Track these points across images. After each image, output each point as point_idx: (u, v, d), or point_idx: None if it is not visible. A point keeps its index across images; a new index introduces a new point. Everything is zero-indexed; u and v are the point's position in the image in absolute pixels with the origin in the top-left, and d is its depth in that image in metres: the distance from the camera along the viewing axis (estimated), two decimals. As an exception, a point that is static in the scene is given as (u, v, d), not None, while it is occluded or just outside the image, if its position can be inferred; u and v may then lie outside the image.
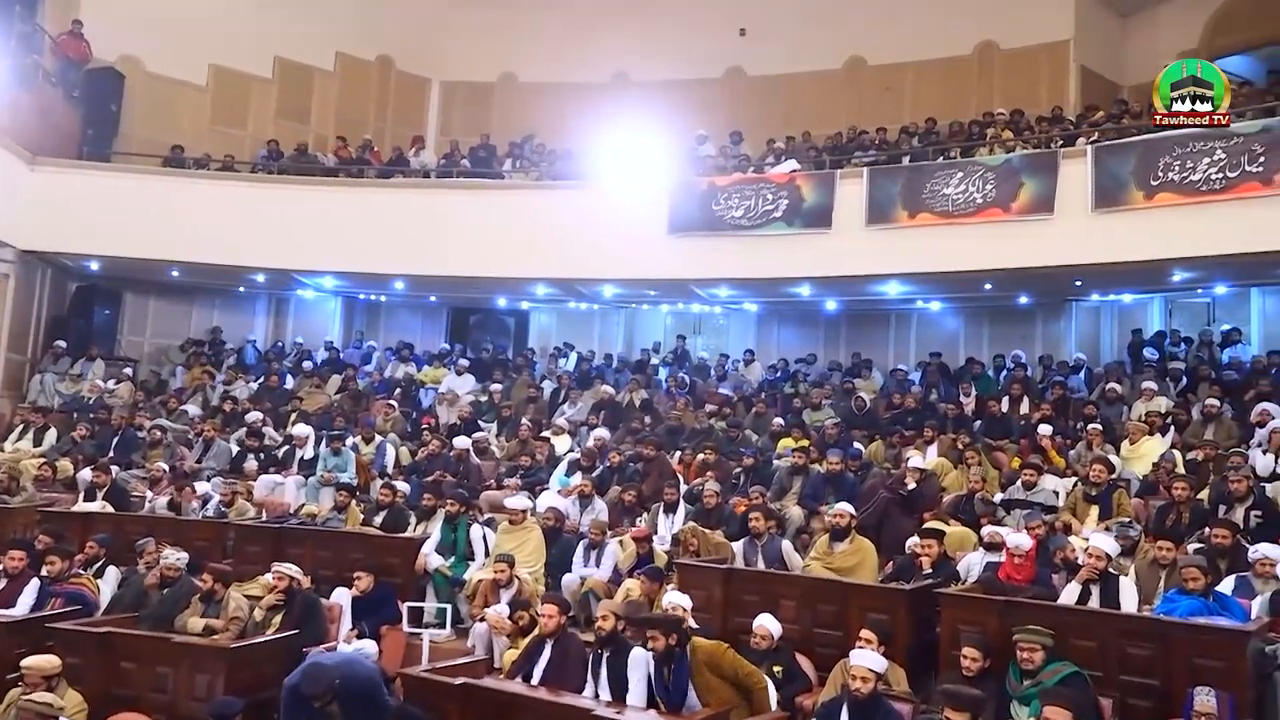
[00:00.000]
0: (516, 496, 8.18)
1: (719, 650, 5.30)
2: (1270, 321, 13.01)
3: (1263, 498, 7.30)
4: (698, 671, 5.24)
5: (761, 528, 7.40)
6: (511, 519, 7.94)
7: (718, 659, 5.23)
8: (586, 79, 17.10)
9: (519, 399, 13.19)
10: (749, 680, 5.21)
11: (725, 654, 5.28)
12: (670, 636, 5.27)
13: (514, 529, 7.94)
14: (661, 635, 5.26)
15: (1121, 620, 5.39)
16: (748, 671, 5.22)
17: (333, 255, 13.87)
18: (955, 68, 15.86)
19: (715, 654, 5.26)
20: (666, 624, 5.36)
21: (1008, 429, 10.60)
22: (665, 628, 5.30)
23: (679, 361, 14.93)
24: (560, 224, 13.18)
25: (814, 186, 12.26)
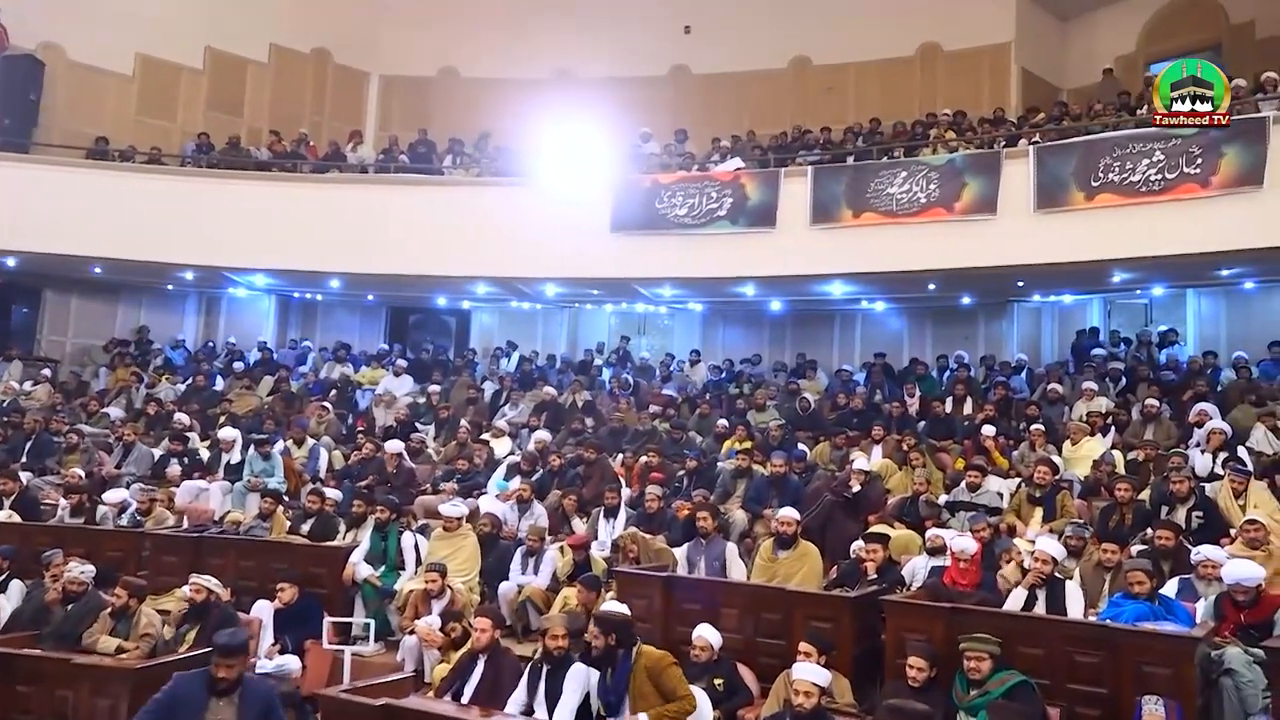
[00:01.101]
0: (452, 503, 7.87)
1: (664, 662, 5.08)
2: (1205, 323, 13.19)
3: (1203, 498, 7.28)
4: (637, 677, 5.01)
5: (709, 528, 7.20)
6: (446, 525, 7.64)
7: (660, 670, 5.01)
8: (529, 75, 16.83)
9: (459, 400, 12.87)
10: (678, 703, 4.97)
11: (669, 668, 5.06)
12: (609, 636, 5.03)
13: (448, 536, 7.64)
14: (602, 634, 5.02)
15: (1069, 627, 5.28)
16: (683, 694, 4.99)
17: (265, 252, 13.43)
18: (899, 68, 15.92)
19: (660, 665, 5.03)
20: (612, 623, 5.13)
21: (951, 429, 10.57)
22: (608, 626, 5.07)
23: (623, 362, 14.74)
24: (501, 222, 12.91)
25: (758, 185, 12.13)
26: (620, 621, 5.19)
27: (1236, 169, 9.66)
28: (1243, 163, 9.61)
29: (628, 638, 5.12)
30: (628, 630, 5.19)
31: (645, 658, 5.07)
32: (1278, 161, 9.44)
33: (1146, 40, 15.20)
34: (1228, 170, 9.71)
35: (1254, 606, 5.29)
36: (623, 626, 5.16)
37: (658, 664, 5.06)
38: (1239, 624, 5.26)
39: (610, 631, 5.03)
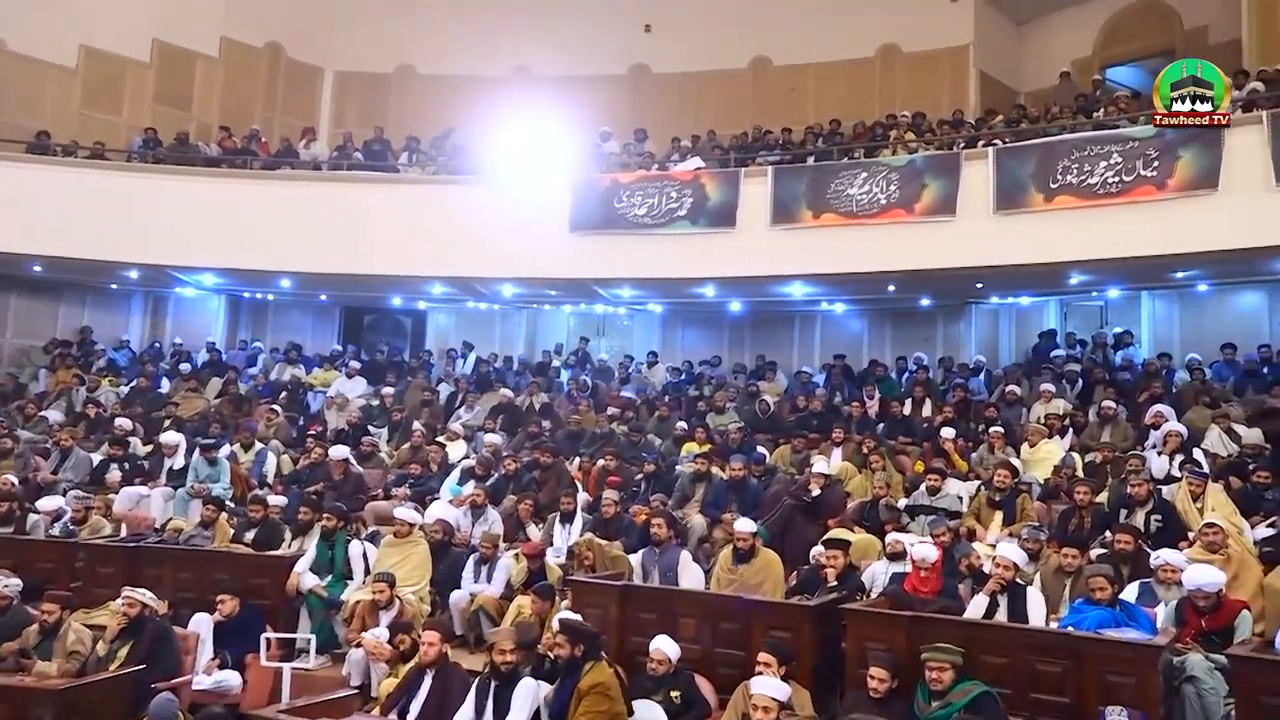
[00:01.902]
0: (404, 508, 7.59)
1: (609, 684, 4.90)
2: (1159, 324, 13.28)
3: (1161, 501, 7.26)
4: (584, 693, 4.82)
5: (664, 535, 7.04)
6: (397, 532, 7.39)
7: (603, 691, 4.82)
8: (487, 72, 16.60)
9: (413, 403, 12.61)
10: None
11: (611, 691, 4.87)
12: (576, 646, 4.84)
13: (397, 543, 7.40)
14: (569, 644, 4.83)
15: (1031, 635, 5.19)
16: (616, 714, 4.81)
17: (214, 251, 13.06)
18: (858, 70, 15.91)
19: (604, 686, 4.86)
20: (583, 634, 4.94)
21: (911, 431, 10.52)
22: (578, 636, 4.88)
23: (581, 364, 14.56)
24: (458, 221, 12.68)
25: (718, 185, 12.01)
26: (591, 634, 5.00)
27: (1192, 172, 9.68)
28: (1199, 165, 9.64)
29: (594, 651, 4.92)
30: (596, 644, 4.99)
31: (589, 676, 4.89)
32: (1233, 164, 9.47)
33: (1102, 44, 15.33)
34: (1184, 173, 9.74)
35: (1215, 612, 5.23)
36: (592, 639, 4.96)
37: (602, 686, 4.87)
38: (1200, 630, 5.20)
39: (579, 641, 4.85)
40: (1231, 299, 12.69)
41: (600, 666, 4.96)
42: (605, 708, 4.85)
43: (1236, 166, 9.49)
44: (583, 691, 4.80)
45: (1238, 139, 9.56)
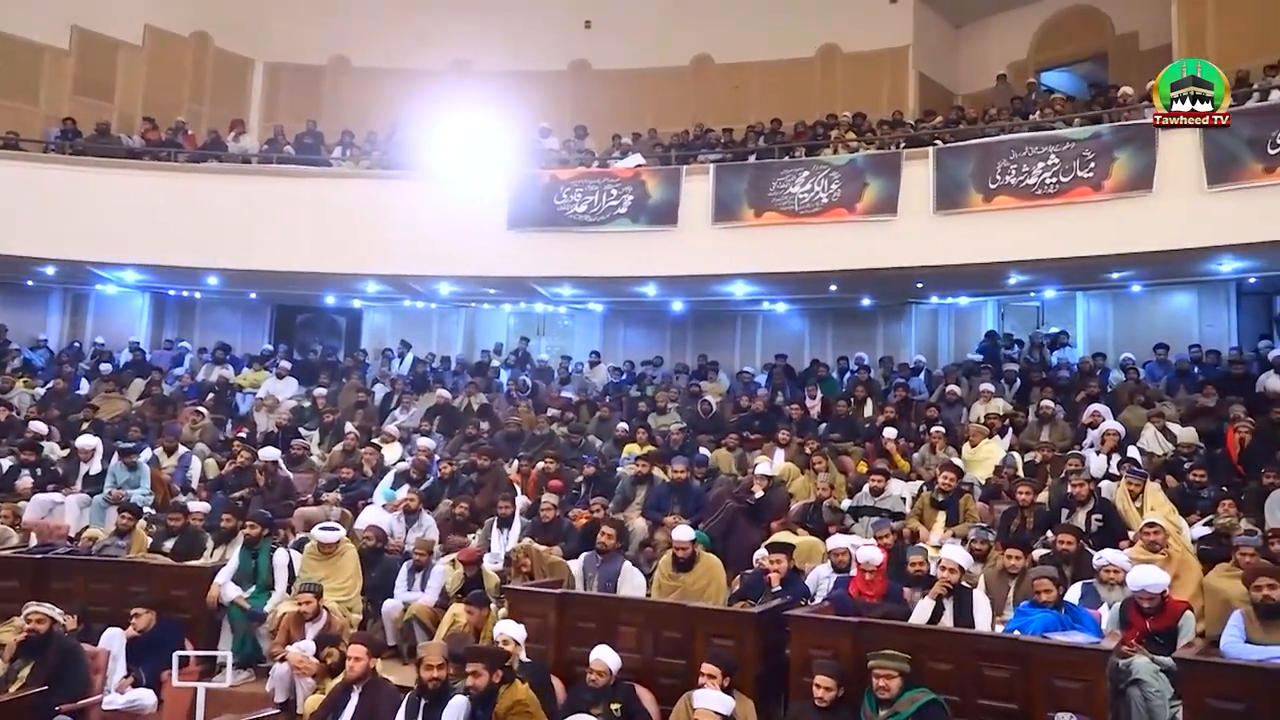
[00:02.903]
0: (323, 528, 7.12)
1: (527, 702, 4.68)
2: (1094, 325, 13.48)
3: (1101, 500, 7.27)
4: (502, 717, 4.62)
5: (611, 545, 6.83)
6: (323, 549, 7.00)
7: (523, 710, 4.61)
8: (425, 66, 16.23)
9: (346, 404, 12.24)
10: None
11: (530, 708, 4.66)
12: (494, 673, 4.63)
13: (325, 551, 7.08)
14: (485, 671, 4.61)
15: (979, 640, 5.11)
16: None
17: (136, 247, 12.52)
18: (799, 69, 15.88)
19: (522, 704, 4.64)
20: (493, 657, 4.71)
21: (853, 431, 10.48)
22: (490, 661, 4.66)
23: (521, 364, 14.31)
24: (393, 217, 12.34)
25: (660, 183, 11.87)
26: (500, 656, 4.80)
27: (1128, 173, 9.80)
28: (1134, 167, 9.76)
29: (508, 674, 4.72)
30: (506, 665, 4.80)
31: (505, 699, 4.67)
32: (1167, 166, 9.60)
33: (1037, 48, 15.53)
34: (1120, 174, 9.85)
35: (1159, 613, 5.21)
36: (503, 660, 4.76)
37: (508, 709, 4.64)
38: (1145, 631, 5.17)
39: (495, 667, 4.62)
40: (1163, 300, 12.92)
41: (515, 686, 4.75)
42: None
43: (1170, 168, 9.62)
44: (500, 715, 4.57)
45: (1171, 141, 9.67)
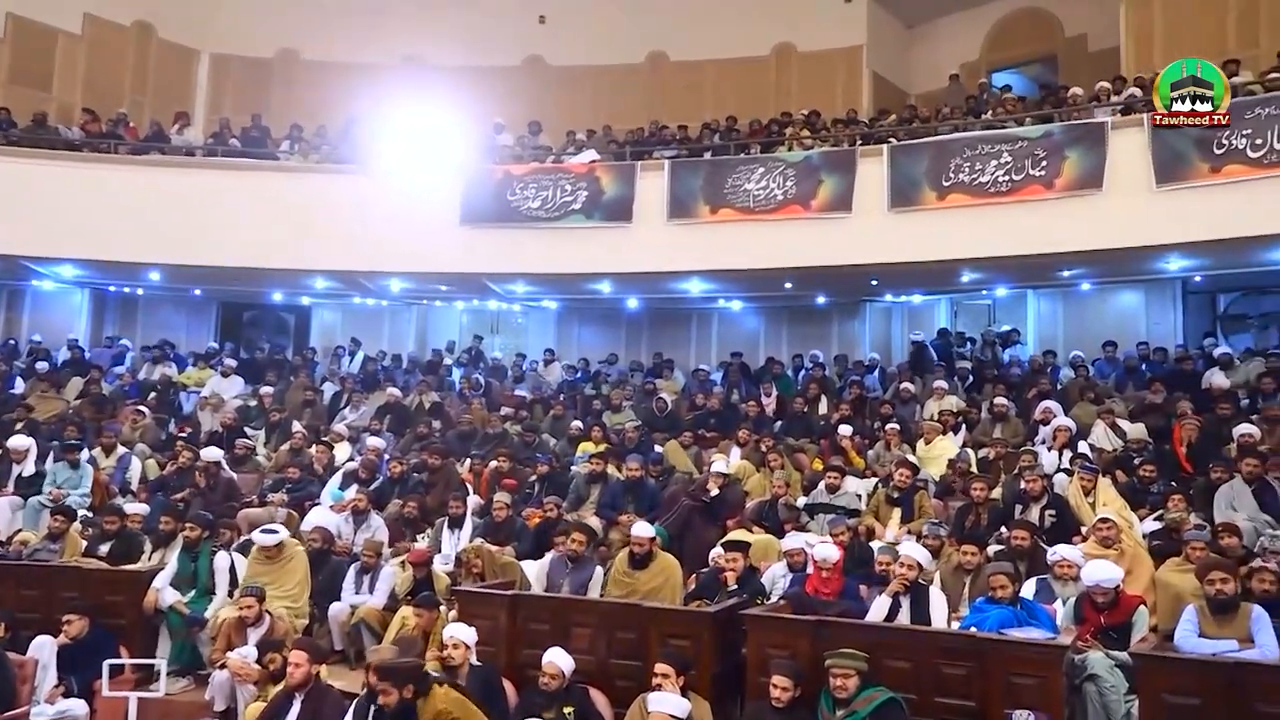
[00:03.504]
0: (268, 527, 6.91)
1: (450, 708, 4.48)
2: (1044, 323, 13.63)
3: (1054, 496, 7.30)
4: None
5: (580, 551, 6.64)
6: (266, 554, 6.75)
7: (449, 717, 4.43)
8: (375, 60, 15.97)
9: (294, 403, 11.98)
10: None
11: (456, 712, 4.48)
12: (405, 689, 4.42)
13: (269, 554, 6.86)
14: (394, 689, 4.40)
15: (936, 637, 5.07)
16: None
17: (74, 241, 12.11)
18: (754, 68, 15.89)
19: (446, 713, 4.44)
20: (400, 674, 4.51)
21: (808, 429, 10.47)
22: (398, 679, 4.46)
23: (475, 362, 14.13)
24: (343, 212, 12.10)
25: (614, 178, 11.76)
26: (409, 672, 4.57)
27: (1079, 172, 9.89)
28: (1084, 166, 9.85)
29: (422, 687, 4.52)
30: (419, 679, 4.57)
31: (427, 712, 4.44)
32: (1117, 165, 9.71)
33: (988, 49, 15.70)
34: (1071, 173, 9.93)
35: (1113, 608, 5.21)
36: (413, 676, 4.54)
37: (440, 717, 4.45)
38: (1099, 626, 5.17)
39: (404, 684, 4.41)
40: (1112, 298, 13.09)
41: (434, 695, 4.53)
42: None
43: (1120, 167, 9.73)
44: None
45: (1121, 141, 9.82)
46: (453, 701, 4.50)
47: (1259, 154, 9.08)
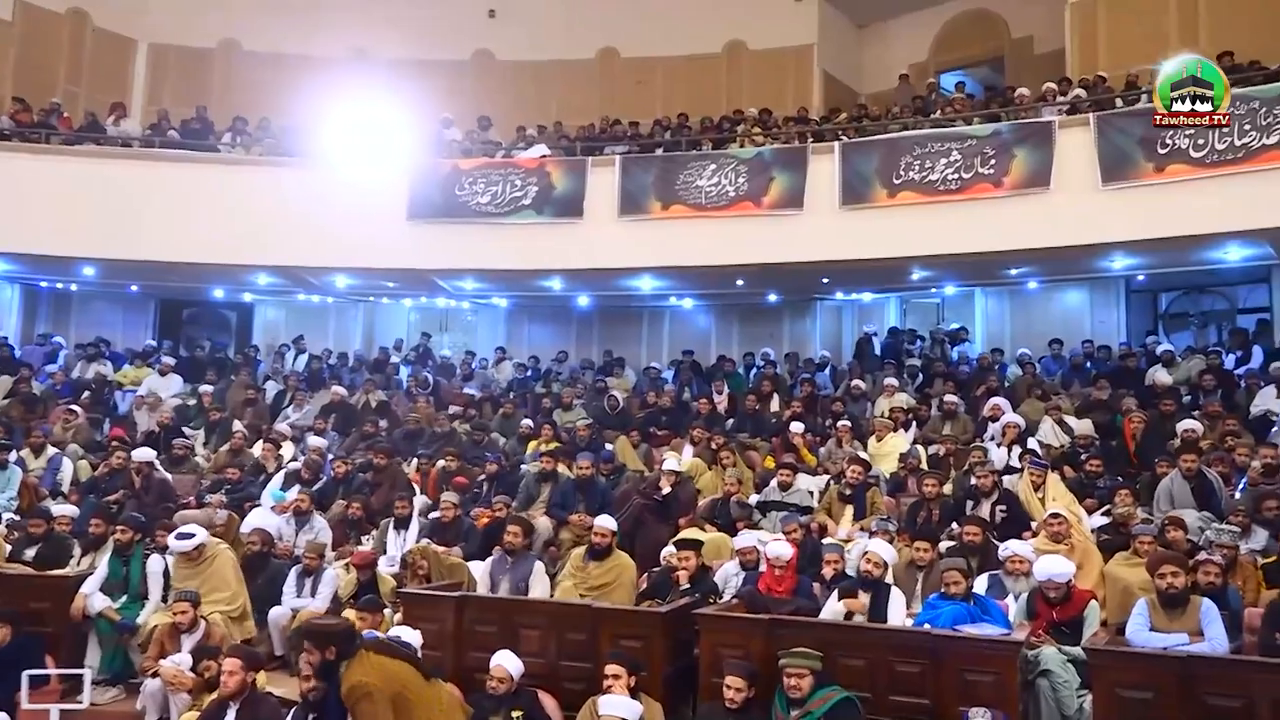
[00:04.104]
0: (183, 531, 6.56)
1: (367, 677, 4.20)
2: (992, 321, 13.76)
3: (1004, 492, 7.32)
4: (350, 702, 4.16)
5: (519, 544, 6.52)
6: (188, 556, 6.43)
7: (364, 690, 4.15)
8: (321, 53, 15.64)
9: (235, 402, 11.65)
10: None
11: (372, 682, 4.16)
12: (326, 650, 4.18)
13: (190, 558, 6.55)
14: (316, 649, 4.18)
15: (890, 635, 5.01)
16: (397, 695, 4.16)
17: (3, 234, 11.67)
18: (705, 65, 15.86)
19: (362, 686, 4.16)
20: (321, 635, 4.29)
21: (760, 426, 10.43)
22: (318, 640, 4.23)
23: (423, 360, 13.89)
24: (286, 206, 11.84)
25: (565, 173, 11.62)
26: (331, 631, 4.35)
27: (1027, 170, 9.97)
28: (1032, 164, 9.94)
29: (345, 649, 4.28)
30: (349, 641, 4.34)
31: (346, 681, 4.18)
32: (1064, 164, 9.81)
33: (937, 49, 15.86)
34: (1019, 172, 10.02)
35: (1065, 603, 5.21)
36: (335, 635, 4.33)
37: (348, 696, 4.16)
38: (1052, 621, 5.16)
39: (325, 645, 4.19)
40: (1057, 297, 13.26)
41: (355, 664, 4.26)
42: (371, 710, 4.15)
43: (1067, 167, 9.84)
44: (346, 700, 4.13)
45: (1068, 140, 9.93)
46: (377, 669, 4.25)
47: (1201, 154, 9.25)
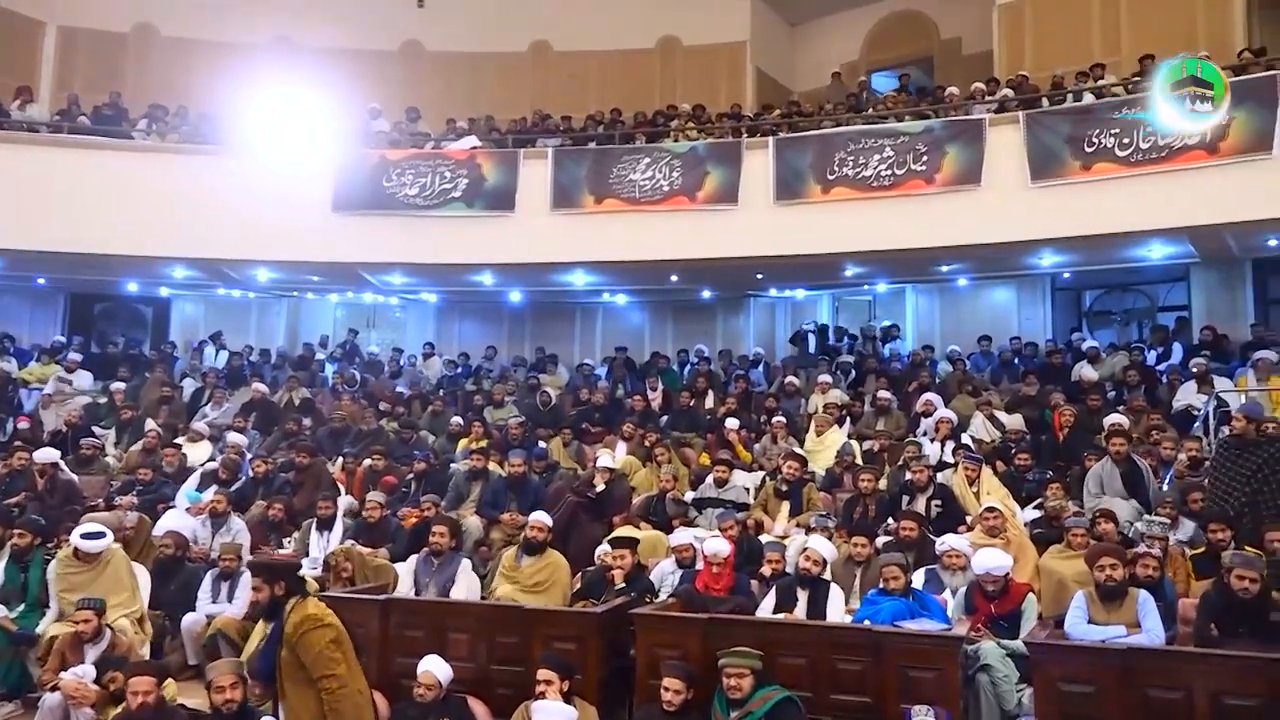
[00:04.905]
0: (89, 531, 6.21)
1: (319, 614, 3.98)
2: (922, 318, 13.88)
3: (939, 487, 7.32)
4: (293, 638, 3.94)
5: (444, 544, 6.29)
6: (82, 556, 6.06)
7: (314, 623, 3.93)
8: (242, 39, 15.11)
9: (149, 400, 11.17)
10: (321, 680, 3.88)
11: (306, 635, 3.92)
12: (275, 585, 3.98)
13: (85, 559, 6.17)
14: (265, 585, 3.98)
15: (831, 632, 4.92)
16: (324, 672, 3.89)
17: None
18: (639, 60, 15.74)
19: (313, 618, 3.93)
20: (271, 570, 4.09)
21: (695, 423, 10.33)
22: (268, 574, 4.03)
23: (349, 357, 13.50)
24: (204, 196, 11.39)
25: (496, 166, 11.40)
26: (281, 566, 4.17)
27: (958, 167, 10.06)
28: (963, 161, 10.03)
29: (298, 587, 4.08)
30: (296, 577, 4.16)
31: (293, 616, 3.97)
32: (994, 162, 9.92)
33: (868, 49, 15.99)
34: (950, 168, 10.10)
35: (1003, 596, 5.18)
36: (290, 572, 4.14)
37: (296, 629, 3.94)
38: (989, 615, 5.13)
39: (277, 579, 3.98)
40: (985, 294, 13.42)
41: (305, 602, 4.06)
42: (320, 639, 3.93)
43: (997, 164, 9.95)
44: (291, 637, 3.90)
45: (998, 138, 10.04)
46: (322, 610, 4.01)
47: (1126, 153, 9.42)
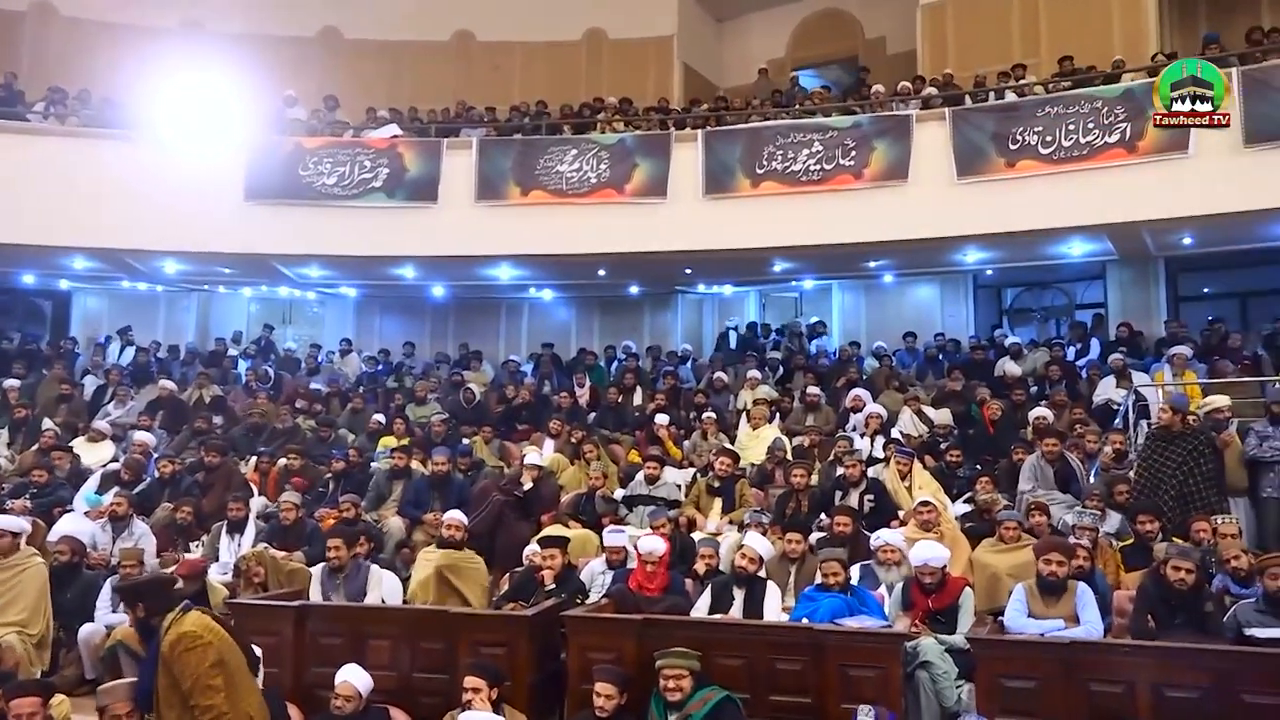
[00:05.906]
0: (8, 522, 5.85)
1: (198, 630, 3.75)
2: (848, 315, 13.94)
3: (871, 481, 7.27)
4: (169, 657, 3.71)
5: (343, 558, 5.83)
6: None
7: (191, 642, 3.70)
8: (149, 22, 14.52)
9: (46, 398, 10.55)
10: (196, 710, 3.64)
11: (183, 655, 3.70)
12: (136, 609, 3.82)
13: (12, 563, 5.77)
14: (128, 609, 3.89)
15: (770, 631, 4.78)
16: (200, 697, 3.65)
17: None
18: (565, 52, 15.55)
19: (191, 636, 3.70)
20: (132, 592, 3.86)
21: (623, 420, 10.17)
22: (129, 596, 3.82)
23: (264, 354, 12.99)
24: (106, 183, 10.88)
25: (418, 155, 11.07)
26: (144, 586, 3.92)
27: (886, 163, 10.08)
28: (891, 157, 10.06)
29: (162, 603, 3.82)
30: (161, 594, 3.91)
31: (170, 634, 3.72)
32: (921, 158, 9.97)
33: (794, 46, 16.08)
34: (878, 164, 10.11)
35: (940, 590, 5.11)
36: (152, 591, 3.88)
37: (171, 647, 3.71)
38: (927, 610, 5.05)
39: (135, 602, 3.72)
40: (910, 291, 13.53)
41: (184, 618, 3.82)
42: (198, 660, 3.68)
43: (924, 160, 9.99)
44: (167, 656, 3.65)
45: (925, 134, 10.10)
46: (206, 626, 3.76)
47: (1049, 150, 9.55)
